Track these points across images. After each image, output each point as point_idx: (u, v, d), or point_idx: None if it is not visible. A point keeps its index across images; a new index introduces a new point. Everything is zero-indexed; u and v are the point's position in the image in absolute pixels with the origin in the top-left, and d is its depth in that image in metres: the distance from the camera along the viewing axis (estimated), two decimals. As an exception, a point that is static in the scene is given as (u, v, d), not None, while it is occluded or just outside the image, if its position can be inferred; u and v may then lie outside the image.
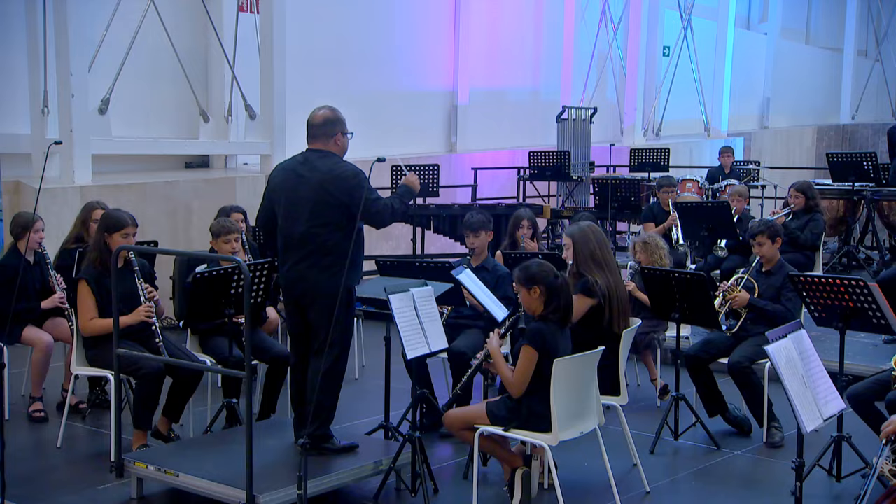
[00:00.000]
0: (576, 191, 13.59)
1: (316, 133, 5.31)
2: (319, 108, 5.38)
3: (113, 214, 6.04)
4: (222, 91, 12.38)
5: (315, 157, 5.27)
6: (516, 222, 7.52)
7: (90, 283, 5.87)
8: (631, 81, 17.78)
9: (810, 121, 24.39)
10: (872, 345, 8.03)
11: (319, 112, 5.35)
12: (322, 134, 5.30)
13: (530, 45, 17.43)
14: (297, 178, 5.25)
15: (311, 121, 5.33)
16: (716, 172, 12.91)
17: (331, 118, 5.32)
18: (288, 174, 5.31)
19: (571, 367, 4.78)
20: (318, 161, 5.24)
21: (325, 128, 5.29)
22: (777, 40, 23.03)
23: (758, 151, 20.76)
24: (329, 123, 5.30)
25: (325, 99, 13.30)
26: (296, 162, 5.35)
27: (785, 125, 23.58)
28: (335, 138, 5.31)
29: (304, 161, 5.30)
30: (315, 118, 5.33)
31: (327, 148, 5.29)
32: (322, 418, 5.32)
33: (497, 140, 16.59)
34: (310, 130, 5.33)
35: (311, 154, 5.30)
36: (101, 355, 5.92)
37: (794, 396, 3.75)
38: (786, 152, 21.89)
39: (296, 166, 5.31)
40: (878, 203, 10.88)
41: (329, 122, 5.30)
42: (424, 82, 15.63)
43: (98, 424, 6.61)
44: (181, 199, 10.57)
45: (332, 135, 5.30)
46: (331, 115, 5.33)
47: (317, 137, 5.31)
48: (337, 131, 5.31)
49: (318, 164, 5.23)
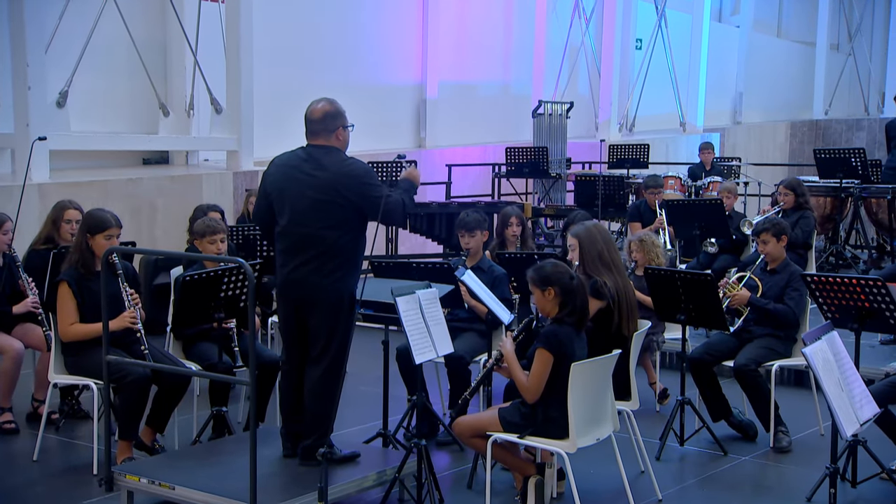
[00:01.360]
0: (553, 188, 13.65)
1: (316, 129, 5.20)
2: (317, 101, 5.26)
3: (96, 215, 5.95)
4: (183, 83, 12.26)
5: (319, 153, 5.16)
6: (504, 220, 7.52)
7: (71, 285, 5.78)
8: (606, 75, 17.89)
9: (783, 116, 24.68)
10: (869, 346, 8.13)
11: (318, 106, 5.22)
12: (323, 129, 5.19)
13: (500, 38, 17.47)
14: (301, 176, 5.13)
15: (310, 116, 5.21)
16: (697, 169, 13.04)
17: (330, 112, 5.21)
18: (290, 172, 5.18)
19: (589, 371, 4.79)
20: (324, 158, 5.14)
21: (325, 122, 5.19)
22: (749, 33, 23.29)
23: (731, 147, 20.97)
24: (329, 118, 5.19)
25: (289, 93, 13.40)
26: (297, 159, 5.21)
27: (758, 120, 23.84)
28: (336, 133, 5.21)
29: (308, 158, 5.18)
30: (314, 113, 5.21)
31: (329, 143, 5.19)
32: (321, 429, 5.28)
33: (468, 136, 16.61)
34: (309, 126, 5.22)
35: (313, 150, 5.18)
36: (81, 362, 5.83)
37: (832, 400, 3.78)
38: (759, 148, 22.14)
39: (299, 163, 5.18)
40: (865, 200, 11.06)
41: (329, 117, 5.20)
42: (392, 76, 15.61)
43: (73, 436, 6.51)
44: (145, 198, 10.45)
45: (333, 129, 5.20)
46: (330, 108, 5.22)
47: (317, 133, 5.20)
48: (338, 125, 5.21)
49: (325, 161, 5.13)
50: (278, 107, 12.90)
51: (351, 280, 5.20)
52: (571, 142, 14.84)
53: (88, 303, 5.81)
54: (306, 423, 5.24)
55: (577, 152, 15.54)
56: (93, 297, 5.81)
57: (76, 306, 5.79)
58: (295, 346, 5.31)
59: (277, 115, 12.78)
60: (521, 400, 4.92)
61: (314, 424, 5.23)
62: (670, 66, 19.08)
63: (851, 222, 11.48)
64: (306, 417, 5.24)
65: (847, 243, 11.62)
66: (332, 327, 5.15)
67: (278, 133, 12.98)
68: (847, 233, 11.63)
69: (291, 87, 13.50)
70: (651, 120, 19.28)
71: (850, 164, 10.98)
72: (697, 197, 11.81)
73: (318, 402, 5.22)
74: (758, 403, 6.34)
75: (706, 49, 19.97)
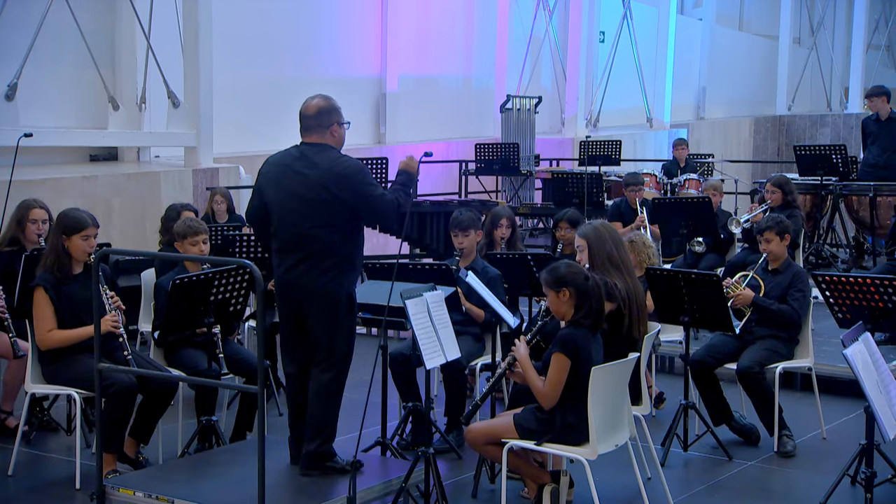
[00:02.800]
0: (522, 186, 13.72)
1: (310, 125, 5.24)
2: (312, 97, 5.32)
3: (71, 215, 5.86)
4: (134, 76, 12.13)
5: (312, 151, 5.21)
6: (494, 220, 7.53)
7: (48, 290, 5.69)
8: (572, 70, 18.01)
9: (746, 111, 25.05)
10: (859, 347, 8.32)
11: (312, 102, 5.27)
12: (317, 126, 5.23)
13: (462, 30, 17.53)
14: (294, 174, 5.18)
15: (304, 112, 5.26)
16: (671, 166, 13.18)
17: (325, 108, 5.25)
18: (283, 170, 5.24)
19: (610, 375, 4.83)
20: (316, 156, 5.18)
21: (319, 119, 5.23)
22: (712, 26, 23.61)
23: (696, 144, 21.21)
24: (324, 114, 5.23)
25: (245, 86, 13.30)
26: (290, 157, 5.27)
27: (721, 116, 24.18)
28: (331, 129, 5.24)
29: (301, 156, 5.23)
30: (308, 109, 5.25)
31: (324, 141, 5.23)
32: (325, 434, 5.28)
33: (429, 131, 16.62)
34: (303, 122, 5.26)
35: (307, 148, 5.24)
36: (60, 371, 5.74)
37: (873, 401, 3.87)
38: (724, 144, 22.44)
39: (291, 162, 5.24)
40: (846, 198, 11.27)
41: (324, 113, 5.23)
42: (351, 68, 15.58)
43: (46, 449, 6.42)
44: (100, 196, 10.33)
45: (327, 126, 5.24)
46: (325, 104, 5.26)
47: (311, 130, 5.24)
48: (333, 122, 5.25)
49: (317, 159, 5.17)
50: (235, 101, 12.82)
51: (347, 280, 5.22)
52: (537, 138, 14.94)
53: (66, 308, 5.73)
54: (308, 428, 5.27)
55: (543, 149, 15.63)
56: (70, 302, 5.74)
57: (53, 312, 5.70)
58: (295, 348, 5.32)
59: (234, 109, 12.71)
60: (537, 405, 4.94)
61: (317, 429, 5.25)
62: (637, 60, 19.27)
63: (830, 220, 11.69)
64: (309, 422, 5.26)
65: (826, 241, 11.82)
66: (330, 329, 5.18)
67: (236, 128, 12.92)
68: (826, 231, 11.84)
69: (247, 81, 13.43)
70: (616, 115, 19.46)
71: (832, 161, 11.18)
72: (674, 195, 11.97)
73: (322, 406, 5.24)
74: (761, 407, 6.43)
75: (673, 43, 20.20)
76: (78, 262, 5.82)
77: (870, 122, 11.83)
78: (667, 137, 19.54)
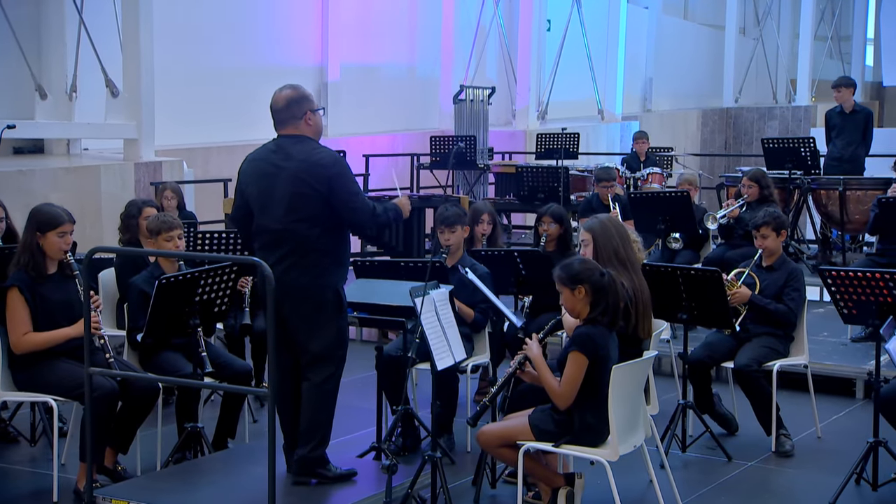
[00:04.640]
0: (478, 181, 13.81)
1: (282, 118, 5.34)
2: (281, 89, 5.41)
3: (45, 210, 5.81)
4: (63, 63, 11.98)
5: (288, 143, 5.31)
6: (475, 217, 7.61)
7: (23, 291, 5.63)
8: (522, 59, 18.13)
9: (692, 104, 25.42)
10: (841, 344, 8.57)
11: (281, 94, 5.37)
12: (290, 117, 5.33)
13: (405, 17, 17.55)
14: (270, 168, 5.28)
15: (274, 106, 5.36)
16: (633, 160, 13.38)
17: (294, 97, 5.34)
18: (260, 165, 5.34)
19: (629, 374, 4.94)
20: (292, 148, 5.28)
21: (291, 110, 5.32)
22: (659, 15, 23.95)
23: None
24: (294, 104, 5.33)
25: (183, 76, 13.16)
26: (267, 151, 5.37)
27: (667, 108, 24.52)
28: (305, 118, 5.35)
29: (277, 149, 5.33)
30: (277, 102, 5.35)
31: (299, 132, 5.33)
32: (317, 439, 5.33)
33: (373, 123, 16.64)
34: (275, 117, 5.37)
35: (283, 141, 5.33)
36: (36, 377, 5.68)
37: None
38: (672, 138, 22.76)
39: (267, 156, 5.34)
40: (815, 192, 11.55)
41: (293, 103, 5.33)
42: (290, 56, 15.53)
43: (10, 461, 6.35)
44: (39, 191, 10.16)
45: (300, 116, 5.33)
46: (293, 94, 5.36)
47: (285, 122, 5.34)
48: (305, 110, 5.34)
49: (293, 151, 5.27)
50: (174, 91, 12.70)
51: (332, 277, 5.30)
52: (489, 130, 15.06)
53: (42, 309, 5.68)
54: (301, 432, 5.34)
55: (494, 142, 15.74)
56: (46, 303, 5.70)
57: (29, 314, 5.64)
58: (283, 351, 5.34)
59: (173, 100, 12.59)
60: (552, 406, 5.03)
61: (309, 434, 5.32)
62: (587, 50, 19.45)
63: (797, 214, 11.96)
64: (301, 425, 5.33)
65: (793, 237, 12.10)
66: (317, 329, 5.24)
67: (173, 120, 12.80)
68: (792, 226, 12.11)
69: (185, 70, 13.32)
70: (565, 107, 19.63)
71: (800, 154, 11.45)
72: (637, 189, 12.17)
73: (313, 410, 5.30)
74: (759, 406, 6.60)
75: (624, 32, 20.45)
76: (52, 261, 5.76)
77: (833, 115, 12.15)
78: (619, 130, 19.78)
